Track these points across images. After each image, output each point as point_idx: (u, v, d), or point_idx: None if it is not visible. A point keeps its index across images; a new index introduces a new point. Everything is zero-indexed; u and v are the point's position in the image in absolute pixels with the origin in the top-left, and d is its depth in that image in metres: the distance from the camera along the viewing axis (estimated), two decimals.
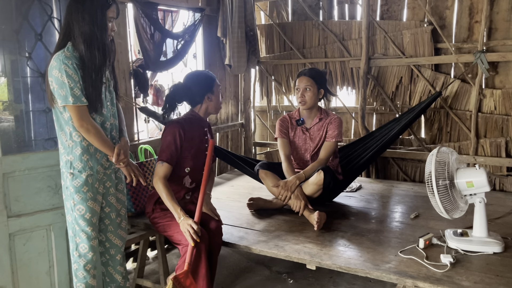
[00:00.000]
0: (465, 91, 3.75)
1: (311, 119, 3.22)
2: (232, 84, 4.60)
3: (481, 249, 2.29)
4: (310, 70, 3.19)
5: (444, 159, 2.35)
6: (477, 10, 3.63)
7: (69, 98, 2.06)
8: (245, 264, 3.39)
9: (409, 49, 3.91)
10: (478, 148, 3.73)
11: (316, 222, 2.66)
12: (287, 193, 2.88)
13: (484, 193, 2.32)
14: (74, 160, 2.18)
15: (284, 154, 3.14)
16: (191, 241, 2.24)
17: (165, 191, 2.39)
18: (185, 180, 2.58)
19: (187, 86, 2.56)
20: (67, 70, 2.04)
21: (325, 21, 4.29)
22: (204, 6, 3.99)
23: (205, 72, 2.67)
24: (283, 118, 3.29)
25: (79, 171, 2.18)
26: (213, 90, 2.57)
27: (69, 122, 2.14)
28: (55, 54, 2.09)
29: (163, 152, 2.46)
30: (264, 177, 3.05)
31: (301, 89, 3.11)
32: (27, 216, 2.43)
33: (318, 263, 2.28)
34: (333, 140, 3.10)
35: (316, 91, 3.11)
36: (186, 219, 2.30)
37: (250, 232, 2.71)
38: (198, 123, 2.60)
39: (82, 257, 2.25)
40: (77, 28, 2.08)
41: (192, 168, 2.56)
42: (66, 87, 2.05)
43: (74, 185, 2.18)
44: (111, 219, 2.38)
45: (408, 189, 3.62)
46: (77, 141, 2.17)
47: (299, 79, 3.14)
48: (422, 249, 2.33)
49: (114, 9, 2.17)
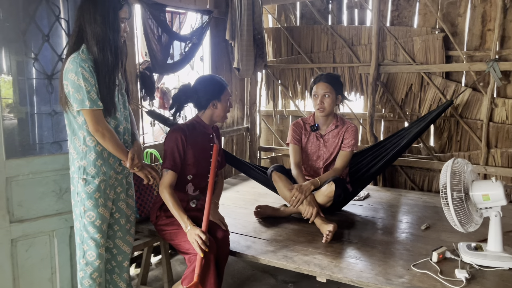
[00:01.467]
0: (477, 100, 3.69)
1: (326, 126, 3.13)
2: (239, 87, 4.55)
3: (496, 264, 2.22)
4: (328, 75, 3.08)
5: (460, 170, 2.29)
6: (490, 18, 3.58)
7: (86, 102, 2.01)
8: (250, 272, 3.33)
9: (419, 56, 3.85)
10: (489, 158, 3.67)
11: (327, 234, 2.57)
12: (301, 196, 2.76)
13: (500, 206, 2.26)
14: (88, 166, 2.13)
15: (295, 161, 3.07)
16: (200, 252, 2.18)
17: (171, 200, 2.34)
18: (188, 187, 2.52)
19: (195, 88, 2.52)
20: (83, 73, 2.00)
21: (334, 26, 4.24)
22: (212, 8, 3.94)
23: (217, 79, 2.58)
24: (297, 123, 3.20)
25: (92, 177, 2.14)
26: (221, 98, 2.50)
27: (83, 127, 2.10)
28: (71, 57, 2.03)
29: (166, 159, 2.42)
30: (277, 180, 2.95)
31: (320, 95, 3.01)
32: (30, 222, 2.38)
33: (329, 276, 2.22)
34: (349, 149, 3.03)
35: (335, 97, 3.03)
36: (194, 228, 2.24)
37: (257, 241, 2.65)
38: (202, 130, 2.53)
39: (89, 265, 2.19)
40: (90, 30, 2.03)
41: (194, 175, 2.50)
42: (83, 91, 2.00)
43: (87, 191, 2.13)
44: (121, 225, 2.33)
45: (417, 198, 3.56)
46: (91, 146, 2.13)
47: (317, 85, 3.03)
48: (435, 263, 2.27)
49: (126, 9, 2.13)
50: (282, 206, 3.10)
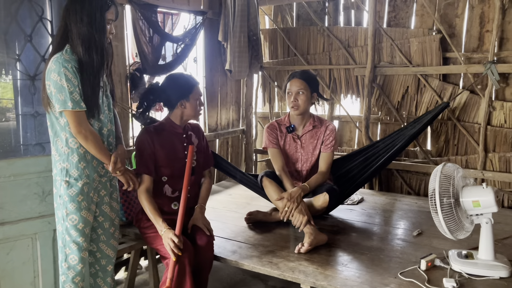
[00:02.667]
0: (474, 103, 3.61)
1: (303, 126, 3.03)
2: (234, 89, 4.50)
3: (486, 273, 2.15)
4: (303, 72, 2.99)
5: (450, 175, 2.22)
6: (488, 19, 3.50)
7: (68, 103, 1.97)
8: (240, 277, 3.27)
9: (416, 58, 3.78)
10: (486, 163, 3.58)
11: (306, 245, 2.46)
12: (293, 206, 2.62)
13: (491, 213, 2.19)
14: (70, 168, 2.09)
15: (279, 165, 2.93)
16: (172, 255, 2.14)
17: (147, 204, 2.31)
18: (165, 189, 2.48)
19: (163, 87, 2.45)
20: (66, 73, 1.96)
21: (331, 27, 4.18)
22: (206, 9, 3.90)
23: (186, 77, 2.51)
24: (271, 126, 3.06)
25: (75, 179, 2.10)
26: (189, 98, 2.42)
27: (65, 128, 2.06)
28: (53, 57, 2.00)
29: (138, 165, 2.39)
30: (268, 186, 2.82)
31: (294, 92, 2.91)
32: (11, 224, 2.34)
33: (312, 283, 2.15)
34: (331, 150, 2.96)
35: (309, 95, 2.92)
36: (167, 232, 2.20)
37: (243, 246, 2.59)
38: (171, 130, 2.48)
39: (71, 268, 2.15)
40: (75, 30, 2.00)
41: (170, 176, 2.46)
42: (65, 92, 1.97)
43: (69, 194, 2.10)
44: (104, 229, 2.29)
45: (412, 203, 3.48)
46: (74, 148, 2.09)
47: (291, 82, 2.93)
48: (423, 271, 2.20)
49: (113, 11, 2.10)
50: (272, 211, 3.04)
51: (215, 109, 4.27)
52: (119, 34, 3.09)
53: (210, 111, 4.21)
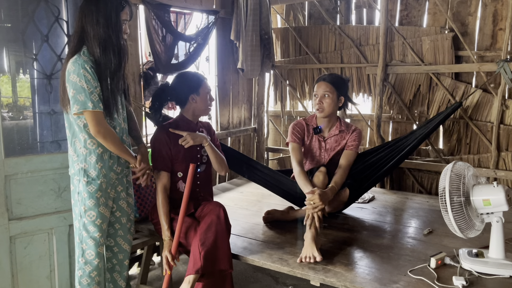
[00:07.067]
0: (487, 102, 3.59)
1: (329, 129, 3.02)
2: (246, 88, 4.53)
3: (497, 272, 2.15)
4: (331, 75, 2.98)
5: (460, 174, 2.22)
6: (501, 17, 3.47)
7: (88, 103, 2.01)
8: (250, 274, 3.31)
9: (428, 57, 3.76)
10: (499, 162, 3.55)
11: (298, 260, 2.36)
12: (321, 206, 2.52)
13: (502, 212, 2.18)
14: (89, 168, 2.14)
15: (297, 159, 2.89)
16: (168, 268, 2.27)
17: (161, 206, 2.41)
18: (179, 185, 2.54)
19: (173, 86, 2.54)
20: (86, 75, 2.00)
21: (342, 26, 4.18)
22: (218, 9, 3.93)
23: (192, 73, 2.63)
24: (298, 123, 3.06)
25: (93, 179, 2.15)
26: (199, 92, 2.51)
27: (84, 129, 2.10)
28: (72, 58, 2.03)
29: (156, 161, 2.46)
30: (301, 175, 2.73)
31: (319, 95, 2.91)
32: (28, 219, 2.41)
33: (322, 280, 2.17)
34: (354, 149, 2.94)
35: (336, 98, 2.90)
36: (166, 245, 2.33)
37: (254, 243, 2.62)
38: (186, 126, 2.55)
39: (88, 263, 2.21)
40: (92, 31, 2.03)
41: (185, 172, 2.50)
42: (85, 93, 2.00)
43: (89, 190, 2.15)
44: (122, 224, 2.35)
45: (423, 202, 3.48)
46: (92, 149, 2.14)
47: (318, 85, 2.93)
48: (433, 269, 2.21)
49: (127, 11, 2.14)
50: (289, 209, 3.04)
51: (227, 107, 4.31)
52: (132, 33, 3.14)
53: (222, 109, 4.24)
